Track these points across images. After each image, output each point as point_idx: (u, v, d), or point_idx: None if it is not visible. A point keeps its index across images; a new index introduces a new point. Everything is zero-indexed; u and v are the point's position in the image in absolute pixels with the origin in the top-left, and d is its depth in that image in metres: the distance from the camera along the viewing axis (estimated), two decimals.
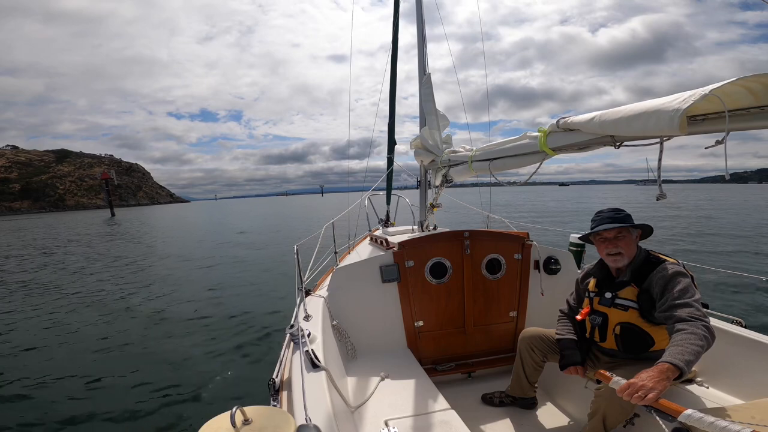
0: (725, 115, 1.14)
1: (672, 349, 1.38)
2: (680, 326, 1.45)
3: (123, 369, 4.58)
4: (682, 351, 1.35)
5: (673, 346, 1.39)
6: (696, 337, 1.38)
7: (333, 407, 1.36)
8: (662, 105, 1.23)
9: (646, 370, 1.35)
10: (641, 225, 1.82)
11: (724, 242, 12.62)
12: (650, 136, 1.41)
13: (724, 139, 1.15)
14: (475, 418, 2.19)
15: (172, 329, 6.01)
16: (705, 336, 1.40)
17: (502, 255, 2.69)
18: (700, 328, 1.41)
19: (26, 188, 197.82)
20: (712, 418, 1.07)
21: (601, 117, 1.50)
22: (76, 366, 4.74)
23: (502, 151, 2.23)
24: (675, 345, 1.39)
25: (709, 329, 1.43)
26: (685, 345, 1.37)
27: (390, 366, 2.27)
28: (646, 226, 1.82)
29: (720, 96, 1.14)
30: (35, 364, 4.86)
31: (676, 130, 1.18)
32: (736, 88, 1.15)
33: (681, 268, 1.66)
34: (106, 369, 4.63)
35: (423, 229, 3.64)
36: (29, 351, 5.30)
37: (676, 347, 1.38)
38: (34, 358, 5.04)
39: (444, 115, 3.25)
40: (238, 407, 1.06)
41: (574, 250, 4.12)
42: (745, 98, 1.18)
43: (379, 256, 2.61)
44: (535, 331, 2.17)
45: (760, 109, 1.18)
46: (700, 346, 1.37)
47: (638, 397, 1.27)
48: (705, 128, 1.33)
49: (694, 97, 1.14)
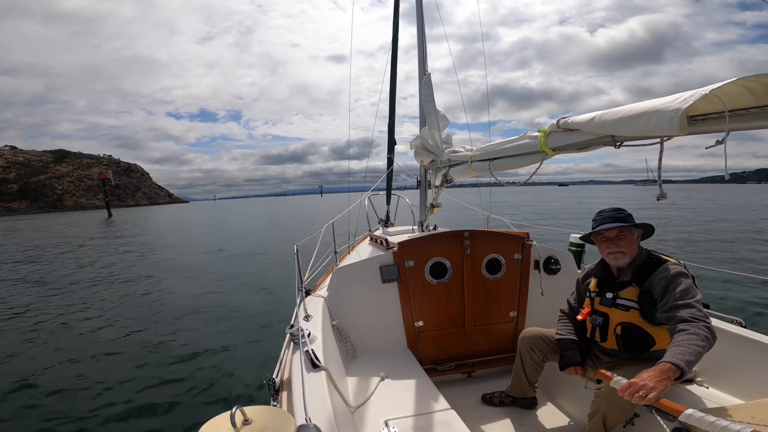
0: (725, 115, 1.15)
1: (673, 349, 1.39)
2: (682, 327, 1.45)
3: (121, 370, 4.57)
4: (683, 351, 1.35)
5: (675, 346, 1.40)
6: (697, 338, 1.39)
7: (333, 407, 1.36)
8: (662, 105, 1.23)
9: (647, 369, 1.35)
10: (643, 225, 1.82)
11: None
12: (651, 136, 1.41)
13: (724, 139, 1.15)
14: (475, 418, 2.19)
15: (171, 330, 6.00)
16: (706, 337, 1.40)
17: (502, 255, 2.69)
18: (702, 329, 1.42)
19: (24, 188, 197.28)
20: (712, 417, 1.08)
21: (601, 117, 1.50)
22: (74, 366, 4.73)
23: (502, 151, 2.23)
24: (676, 345, 1.40)
25: (711, 330, 1.44)
26: (687, 345, 1.37)
27: (390, 366, 2.26)
28: (647, 226, 1.82)
29: (720, 96, 1.14)
30: (25, 365, 4.82)
31: (677, 130, 1.18)
32: (737, 88, 1.15)
33: (682, 269, 1.66)
34: (105, 369, 4.62)
35: (423, 229, 3.64)
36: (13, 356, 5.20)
37: (677, 347, 1.38)
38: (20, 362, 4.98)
39: (444, 115, 3.26)
40: (238, 407, 1.06)
41: (574, 250, 4.13)
42: (745, 98, 1.18)
43: (379, 256, 2.61)
44: (535, 331, 2.18)
45: (760, 109, 1.18)
46: (702, 347, 1.37)
47: (639, 396, 1.27)
48: (705, 128, 1.33)
49: (694, 97, 1.14)
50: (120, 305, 7.69)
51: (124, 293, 8.72)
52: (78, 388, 4.13)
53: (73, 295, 8.74)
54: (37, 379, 4.36)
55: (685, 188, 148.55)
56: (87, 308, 7.59)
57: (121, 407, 3.69)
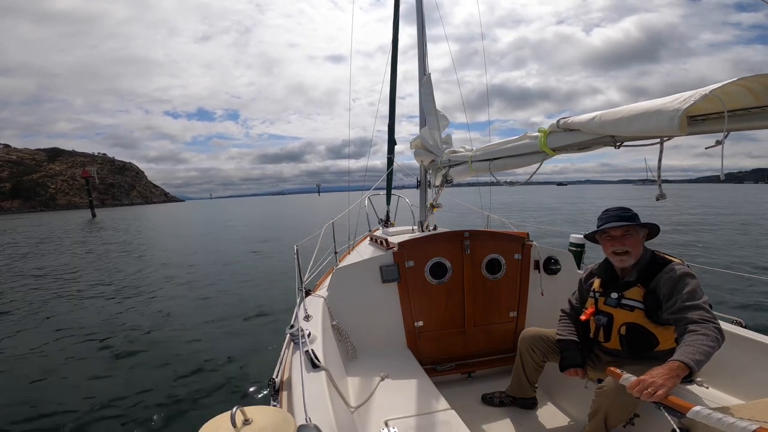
0: (725, 115, 1.15)
1: (683, 348, 1.41)
2: (692, 327, 1.47)
3: (120, 370, 4.55)
4: (693, 351, 1.37)
5: (685, 345, 1.42)
6: (708, 339, 1.41)
7: (333, 407, 1.36)
8: (662, 105, 1.24)
9: (657, 367, 1.37)
10: (648, 224, 1.82)
11: None
12: (650, 137, 1.42)
13: (724, 139, 1.16)
14: (475, 418, 2.19)
15: (169, 330, 5.97)
16: (716, 338, 1.43)
17: (502, 255, 2.69)
18: (712, 330, 1.44)
19: (17, 187, 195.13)
20: (720, 414, 1.09)
21: (601, 117, 1.50)
22: (69, 365, 4.70)
23: (502, 151, 2.23)
24: (686, 345, 1.42)
25: (720, 331, 1.46)
26: (697, 345, 1.39)
27: (390, 366, 2.26)
28: (653, 226, 1.82)
29: (720, 96, 1.15)
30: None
31: (677, 130, 1.19)
32: (737, 88, 1.16)
33: (688, 269, 1.66)
34: (105, 368, 4.60)
35: (423, 229, 3.64)
36: None
37: (687, 347, 1.40)
38: None
39: (444, 115, 3.26)
40: (238, 407, 1.06)
41: (574, 250, 4.15)
42: (745, 98, 1.19)
43: (379, 256, 2.61)
44: (535, 331, 2.18)
45: (760, 109, 1.19)
46: (711, 347, 1.40)
47: (648, 393, 1.29)
48: (705, 128, 1.34)
49: (694, 97, 1.15)
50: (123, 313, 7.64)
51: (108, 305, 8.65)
52: (70, 388, 4.08)
53: None
54: None
55: (680, 188, 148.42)
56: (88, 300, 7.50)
57: (118, 409, 3.66)
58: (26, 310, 7.53)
